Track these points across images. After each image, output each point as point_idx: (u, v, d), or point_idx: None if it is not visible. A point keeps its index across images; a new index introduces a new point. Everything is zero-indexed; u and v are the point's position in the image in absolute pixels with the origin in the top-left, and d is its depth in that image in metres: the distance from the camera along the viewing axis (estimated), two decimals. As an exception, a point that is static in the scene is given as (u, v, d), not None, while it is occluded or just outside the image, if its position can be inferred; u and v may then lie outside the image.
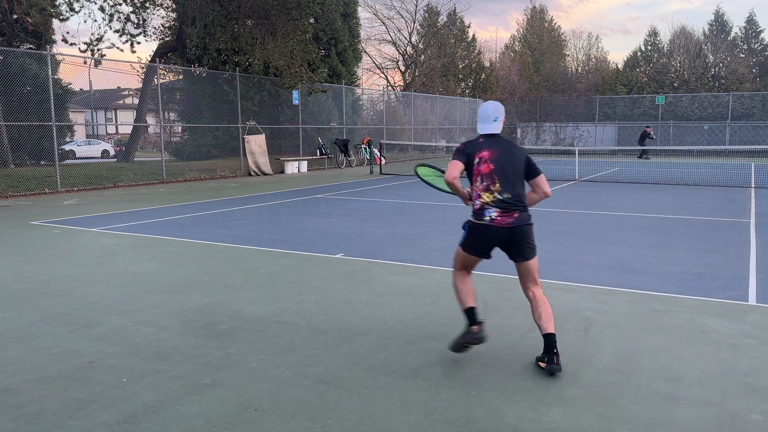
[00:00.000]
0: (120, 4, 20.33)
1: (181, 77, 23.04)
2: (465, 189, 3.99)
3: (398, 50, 41.81)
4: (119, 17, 20.58)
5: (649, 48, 42.70)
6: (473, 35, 44.11)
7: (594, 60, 53.94)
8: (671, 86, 39.95)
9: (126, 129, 37.60)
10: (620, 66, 44.56)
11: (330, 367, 3.79)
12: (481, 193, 3.87)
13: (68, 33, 57.51)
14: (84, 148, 31.19)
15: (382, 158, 22.18)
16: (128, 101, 44.18)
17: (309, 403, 3.30)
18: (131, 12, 20.73)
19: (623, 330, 4.47)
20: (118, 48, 29.12)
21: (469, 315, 3.95)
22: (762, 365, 3.81)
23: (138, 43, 22.52)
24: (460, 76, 42.57)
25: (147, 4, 20.81)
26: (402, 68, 41.69)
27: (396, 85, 42.20)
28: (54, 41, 20.27)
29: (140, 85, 22.83)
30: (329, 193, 14.16)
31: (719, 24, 42.00)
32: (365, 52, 38.47)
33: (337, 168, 23.40)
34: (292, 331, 4.46)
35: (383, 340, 4.27)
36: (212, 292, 5.52)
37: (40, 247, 7.72)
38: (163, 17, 24.67)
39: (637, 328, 4.50)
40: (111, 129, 43.45)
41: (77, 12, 19.10)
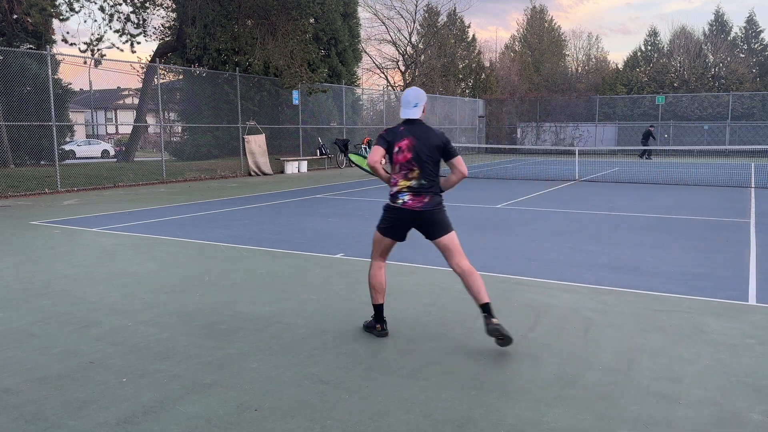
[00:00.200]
0: (120, 4, 20.34)
1: (181, 77, 23.04)
2: (387, 173, 4.39)
3: (398, 50, 41.83)
4: (119, 17, 20.59)
5: (649, 48, 42.71)
6: (473, 35, 44.15)
7: (594, 60, 53.98)
8: (671, 86, 39.95)
9: (126, 129, 37.63)
10: (620, 66, 44.59)
11: (330, 367, 3.79)
12: (399, 180, 4.28)
13: (68, 33, 57.63)
14: (84, 148, 31.20)
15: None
16: (128, 101, 44.20)
17: (309, 403, 3.30)
18: (131, 12, 20.74)
19: (623, 330, 4.47)
20: (118, 48, 29.15)
21: (376, 311, 4.37)
22: (762, 365, 3.81)
23: (138, 43, 22.54)
24: (460, 76, 42.57)
25: (147, 4, 20.81)
26: (402, 68, 41.69)
27: (396, 85, 42.20)
28: (54, 41, 20.29)
29: (140, 85, 22.84)
30: (329, 193, 14.16)
31: (719, 24, 42.02)
32: (365, 52, 38.49)
33: (337, 168, 23.40)
34: (292, 331, 4.46)
35: (383, 340, 4.27)
36: (212, 292, 5.52)
37: (40, 247, 7.72)
38: (163, 17, 24.71)
39: (637, 328, 4.50)
40: (111, 129, 43.46)
41: (77, 12, 19.11)
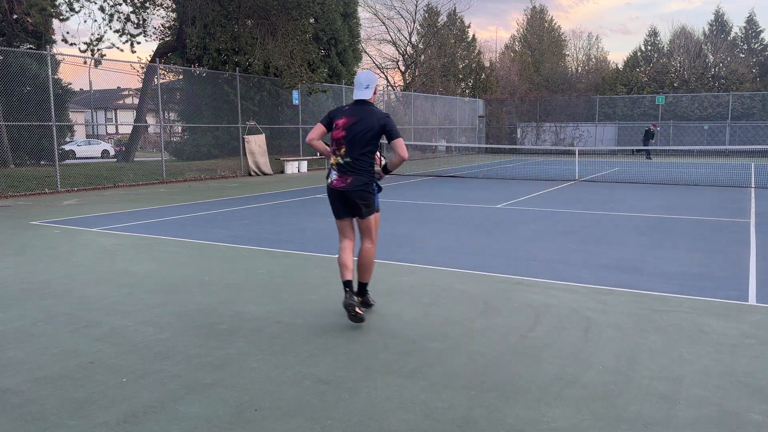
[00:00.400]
0: (120, 4, 20.34)
1: (181, 77, 23.05)
2: (327, 146, 4.70)
3: (398, 50, 41.86)
4: (119, 17, 20.59)
5: (649, 48, 42.71)
6: (473, 35, 44.16)
7: (594, 60, 53.99)
8: (671, 86, 39.96)
9: (126, 129, 37.64)
10: (620, 66, 44.60)
11: (330, 367, 3.79)
12: (332, 156, 4.59)
13: (68, 33, 57.59)
14: (84, 148, 31.21)
15: (382, 158, 22.14)
16: (128, 101, 44.21)
17: (309, 403, 3.30)
18: (131, 12, 20.74)
19: (623, 330, 4.47)
20: (118, 48, 29.15)
21: (346, 286, 4.55)
22: (762, 365, 3.81)
23: (138, 43, 22.54)
24: (460, 76, 42.58)
25: (147, 4, 20.81)
26: (402, 68, 41.72)
27: (396, 85, 42.22)
28: (54, 41, 20.29)
29: (140, 85, 22.84)
30: (329, 193, 14.14)
31: (719, 24, 42.02)
32: (365, 52, 38.50)
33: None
34: (292, 331, 4.46)
35: (383, 340, 4.27)
36: (212, 292, 5.52)
37: (40, 247, 7.72)
38: (163, 17, 24.72)
39: (637, 328, 4.50)
40: (111, 129, 43.47)
41: (77, 12, 19.11)
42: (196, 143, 23.30)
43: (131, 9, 20.65)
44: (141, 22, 21.13)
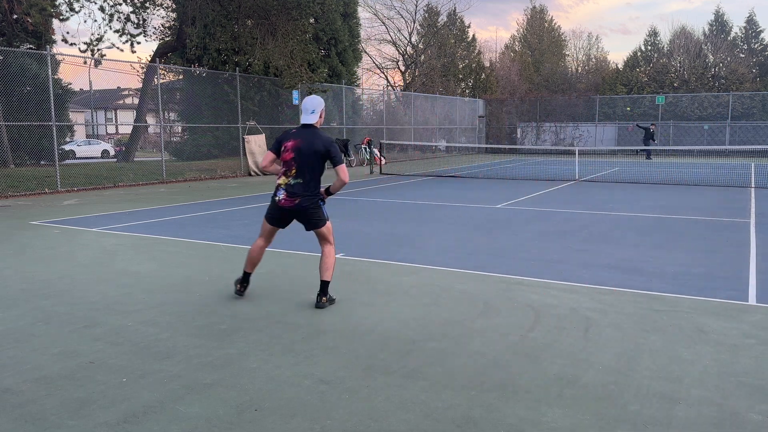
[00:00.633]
0: (120, 4, 20.35)
1: (181, 77, 23.04)
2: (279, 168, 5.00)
3: (398, 50, 41.85)
4: (119, 17, 20.60)
5: (649, 48, 42.70)
6: (473, 35, 44.17)
7: (594, 60, 53.95)
8: (671, 86, 39.94)
9: (126, 129, 37.63)
10: (620, 66, 44.57)
11: (330, 367, 3.79)
12: (281, 176, 4.91)
13: (68, 33, 57.63)
14: (84, 148, 31.20)
15: (382, 158, 22.17)
16: (128, 101, 44.21)
17: (309, 403, 3.30)
18: (131, 12, 20.74)
19: (623, 330, 4.47)
20: (118, 48, 29.13)
21: (243, 276, 5.19)
22: (762, 365, 3.81)
23: (138, 43, 22.55)
24: (460, 76, 42.58)
25: (147, 4, 20.82)
26: (402, 68, 41.71)
27: (396, 85, 42.21)
28: (54, 41, 20.29)
29: (140, 85, 22.84)
30: (329, 193, 14.14)
31: (719, 24, 42.01)
32: (365, 52, 38.50)
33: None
34: (292, 331, 4.46)
35: (383, 340, 4.27)
36: (212, 292, 5.53)
37: (40, 247, 7.72)
38: (163, 17, 24.70)
39: (637, 328, 4.50)
40: (111, 129, 43.48)
41: (77, 12, 19.12)
42: (196, 143, 23.30)
43: (131, 9, 20.66)
44: (141, 22, 21.14)
